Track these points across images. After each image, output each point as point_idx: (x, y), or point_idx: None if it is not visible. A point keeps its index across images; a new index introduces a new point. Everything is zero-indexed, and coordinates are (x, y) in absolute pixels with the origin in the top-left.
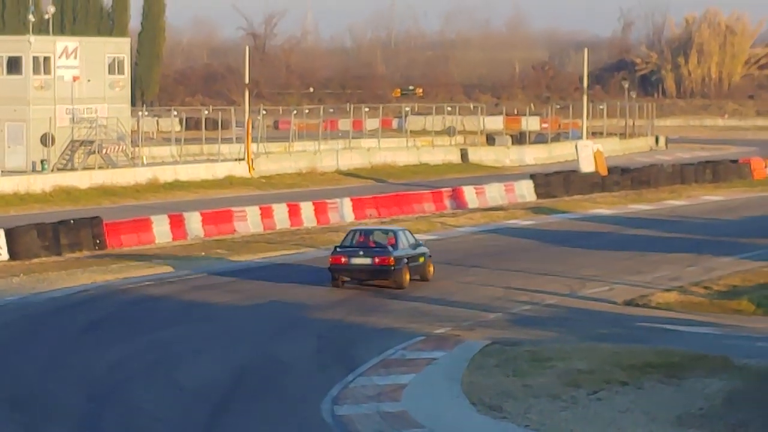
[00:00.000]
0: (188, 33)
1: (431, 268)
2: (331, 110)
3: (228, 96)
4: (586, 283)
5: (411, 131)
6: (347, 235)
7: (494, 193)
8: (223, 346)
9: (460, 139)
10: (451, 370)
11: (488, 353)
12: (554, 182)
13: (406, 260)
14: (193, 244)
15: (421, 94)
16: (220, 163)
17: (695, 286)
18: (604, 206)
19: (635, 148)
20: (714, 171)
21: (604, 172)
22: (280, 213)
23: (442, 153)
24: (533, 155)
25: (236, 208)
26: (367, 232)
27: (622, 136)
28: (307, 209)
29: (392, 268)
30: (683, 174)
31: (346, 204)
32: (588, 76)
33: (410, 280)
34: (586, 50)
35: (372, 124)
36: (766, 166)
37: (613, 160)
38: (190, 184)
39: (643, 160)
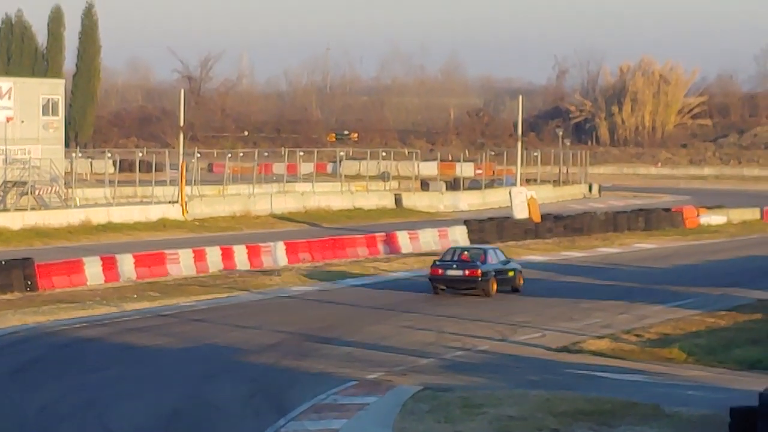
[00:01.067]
0: (123, 75)
1: (521, 281)
2: (266, 154)
3: (163, 138)
4: (518, 329)
5: (345, 176)
6: (446, 251)
7: (428, 238)
8: (154, 390)
9: (394, 184)
10: (383, 415)
11: (420, 399)
12: (488, 228)
13: (493, 273)
14: (126, 287)
15: (356, 139)
16: (153, 205)
17: (627, 333)
18: (537, 253)
19: (569, 196)
20: (647, 219)
21: (537, 218)
22: (213, 256)
23: (376, 198)
24: (467, 201)
25: (169, 250)
26: (462, 250)
27: (556, 183)
28: (240, 253)
29: (479, 279)
30: (616, 222)
31: (280, 248)
32: (522, 123)
33: (498, 290)
34: (521, 97)
35: (306, 168)
36: (698, 215)
37: (547, 207)
38: (123, 226)
39: (576, 208)
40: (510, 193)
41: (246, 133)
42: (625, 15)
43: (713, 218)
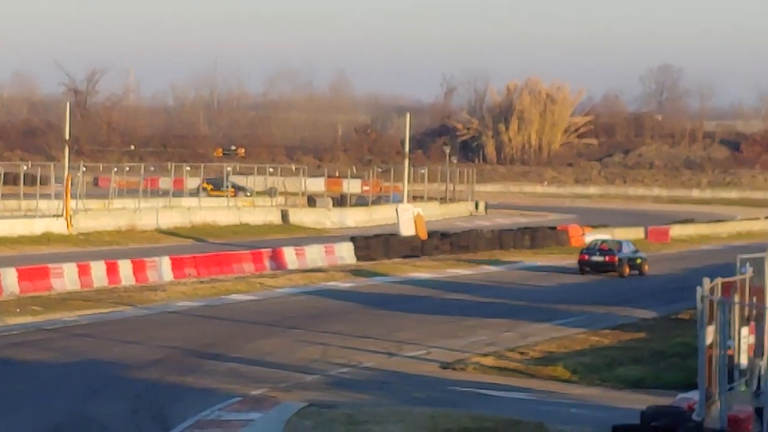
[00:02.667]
0: (8, 87)
1: (647, 267)
2: (152, 168)
3: (48, 152)
4: (403, 346)
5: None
6: (591, 242)
7: (314, 254)
8: (36, 405)
9: (281, 200)
10: (267, 431)
11: (305, 415)
12: (374, 245)
13: (626, 260)
14: (8, 301)
15: (243, 155)
16: (37, 219)
17: (511, 351)
18: (423, 270)
19: (455, 213)
20: (532, 237)
21: (424, 236)
22: (98, 271)
23: (262, 214)
24: (354, 218)
25: (53, 264)
26: (602, 241)
27: (443, 200)
28: (125, 267)
29: (616, 264)
30: (502, 239)
31: (165, 263)
32: (410, 140)
33: (629, 273)
34: (408, 114)
35: (193, 183)
36: (583, 234)
37: (433, 224)
38: (6, 240)
39: (462, 225)
40: (397, 210)
41: (132, 147)
42: (512, 34)
43: (598, 237)
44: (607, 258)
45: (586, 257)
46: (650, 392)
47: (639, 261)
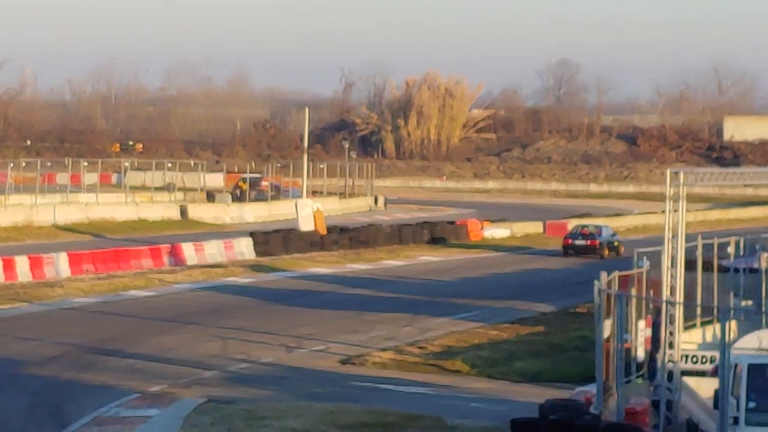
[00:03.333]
0: None
1: (622, 249)
2: (49, 164)
3: None
4: (302, 341)
5: (130, 187)
6: (574, 228)
7: (213, 250)
8: None
9: (180, 195)
10: (166, 428)
11: (203, 411)
12: (273, 240)
13: (606, 243)
14: None
15: (141, 150)
16: None
17: (411, 346)
18: (322, 265)
19: (354, 208)
20: (432, 232)
21: (323, 231)
22: None
23: (161, 209)
24: (253, 213)
25: None
26: (584, 226)
27: (342, 195)
28: (22, 264)
29: (597, 247)
30: (401, 234)
31: (63, 259)
32: (309, 135)
33: (609, 255)
34: (307, 109)
35: (91, 178)
36: (482, 228)
37: (333, 219)
38: None
39: (362, 220)
40: (296, 205)
41: (29, 142)
42: (411, 29)
43: (497, 231)
44: (589, 242)
45: (570, 242)
46: (549, 386)
47: (616, 244)
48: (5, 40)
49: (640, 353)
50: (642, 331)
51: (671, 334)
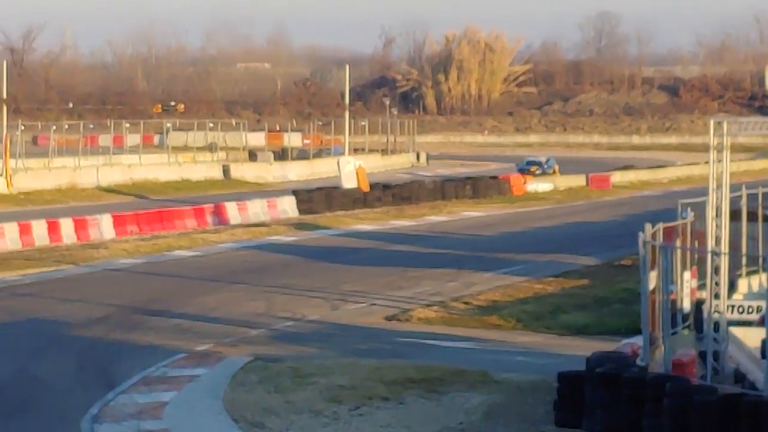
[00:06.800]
0: None
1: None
2: (92, 126)
3: None
4: (347, 298)
5: (172, 147)
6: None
7: (257, 209)
8: None
9: (222, 155)
10: (213, 387)
11: (250, 370)
12: (316, 198)
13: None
14: None
15: (183, 110)
16: None
17: (455, 301)
18: (365, 222)
19: (397, 165)
20: (474, 187)
21: (366, 188)
22: (39, 229)
23: (204, 169)
24: (296, 171)
25: None
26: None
27: (384, 152)
28: (67, 226)
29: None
30: (444, 190)
31: (107, 220)
32: (350, 92)
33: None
34: (347, 66)
35: (133, 140)
36: (525, 183)
37: (375, 176)
38: None
39: (404, 177)
40: (338, 163)
41: (71, 104)
42: None
43: (540, 185)
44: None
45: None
46: (595, 338)
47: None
48: (45, 4)
49: (686, 304)
50: (687, 282)
51: (717, 284)
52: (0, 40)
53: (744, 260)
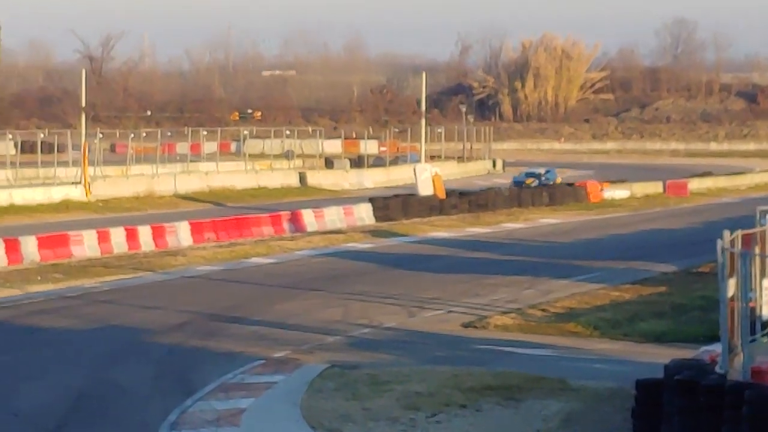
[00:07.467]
0: (24, 56)
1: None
2: (169, 134)
3: (64, 119)
4: (424, 306)
5: (249, 155)
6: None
7: (333, 216)
8: (59, 372)
9: (298, 162)
10: (291, 393)
11: (327, 377)
12: (393, 205)
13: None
14: (29, 269)
15: (260, 118)
16: (56, 186)
17: (532, 308)
18: (442, 229)
19: (473, 172)
20: (551, 194)
21: (442, 195)
22: (118, 237)
23: (280, 176)
24: (372, 179)
25: (73, 231)
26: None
27: (460, 159)
28: (144, 233)
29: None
30: (520, 197)
31: (184, 228)
32: (426, 99)
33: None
34: (424, 74)
35: (210, 147)
36: (601, 190)
37: (451, 183)
38: (25, 209)
39: (480, 184)
40: (415, 170)
41: (149, 112)
42: None
43: (617, 192)
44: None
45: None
46: (672, 346)
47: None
48: (123, 12)
49: (765, 312)
50: (766, 289)
51: None
52: (79, 48)
53: None
